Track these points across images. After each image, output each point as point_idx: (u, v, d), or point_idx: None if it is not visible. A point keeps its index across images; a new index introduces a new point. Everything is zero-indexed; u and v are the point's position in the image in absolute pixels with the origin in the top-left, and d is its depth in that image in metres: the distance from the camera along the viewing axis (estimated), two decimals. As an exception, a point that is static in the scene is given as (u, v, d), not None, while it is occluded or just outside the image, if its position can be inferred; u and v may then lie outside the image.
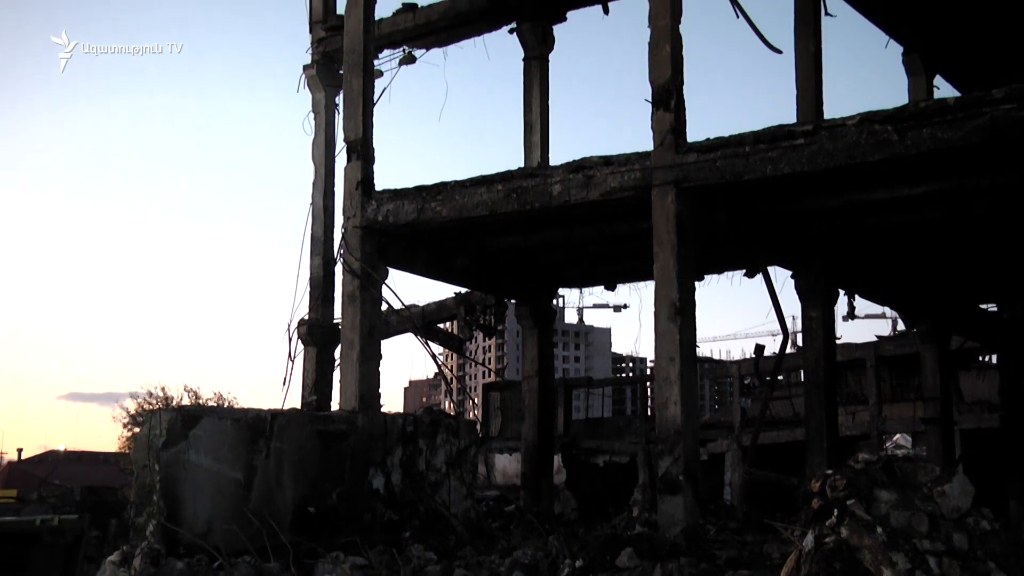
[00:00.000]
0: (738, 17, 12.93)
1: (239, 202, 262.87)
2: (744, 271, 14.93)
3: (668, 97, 11.51)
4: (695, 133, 11.61)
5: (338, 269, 13.99)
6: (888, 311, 41.94)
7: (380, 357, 13.68)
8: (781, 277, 14.15)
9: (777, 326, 13.88)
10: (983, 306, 20.88)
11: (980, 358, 30.31)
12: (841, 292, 15.50)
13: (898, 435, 34.52)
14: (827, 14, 14.33)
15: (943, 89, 18.73)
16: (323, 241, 16.26)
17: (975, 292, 19.41)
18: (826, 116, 13.43)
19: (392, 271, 13.93)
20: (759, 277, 13.98)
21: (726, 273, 15.46)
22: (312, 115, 16.77)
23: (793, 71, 14.07)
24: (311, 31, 16.95)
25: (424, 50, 17.02)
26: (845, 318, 38.68)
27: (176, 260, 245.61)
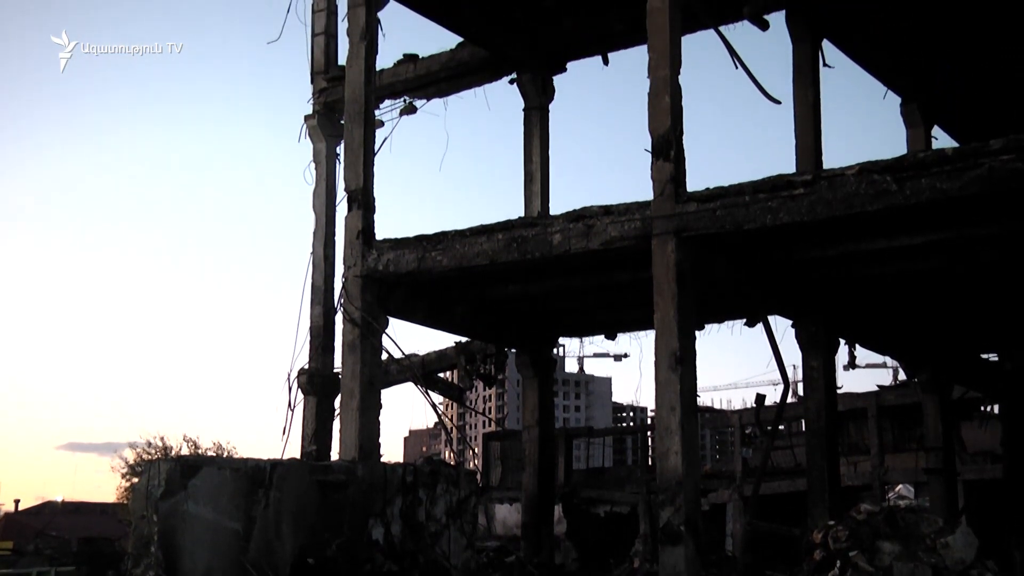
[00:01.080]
0: (737, 68, 13.01)
1: (239, 251, 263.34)
2: (744, 320, 14.92)
3: (668, 147, 11.56)
4: (695, 182, 11.68)
5: (338, 318, 13.98)
6: (889, 360, 41.83)
7: (380, 407, 13.63)
8: (781, 326, 14.14)
9: (778, 375, 13.84)
10: (984, 356, 20.84)
11: (982, 408, 30.19)
12: (841, 341, 15.48)
13: (900, 486, 34.34)
14: (825, 65, 14.45)
15: (941, 139, 18.85)
16: (324, 290, 16.29)
17: (976, 341, 19.38)
18: (825, 166, 13.49)
19: (392, 320, 13.91)
20: (759, 326, 13.97)
21: (726, 322, 15.45)
22: (313, 165, 16.86)
23: (792, 121, 14.15)
24: (312, 82, 17.09)
25: (425, 100, 17.14)
26: (846, 367, 38.53)
27: (176, 309, 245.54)
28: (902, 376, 35.62)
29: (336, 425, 14.23)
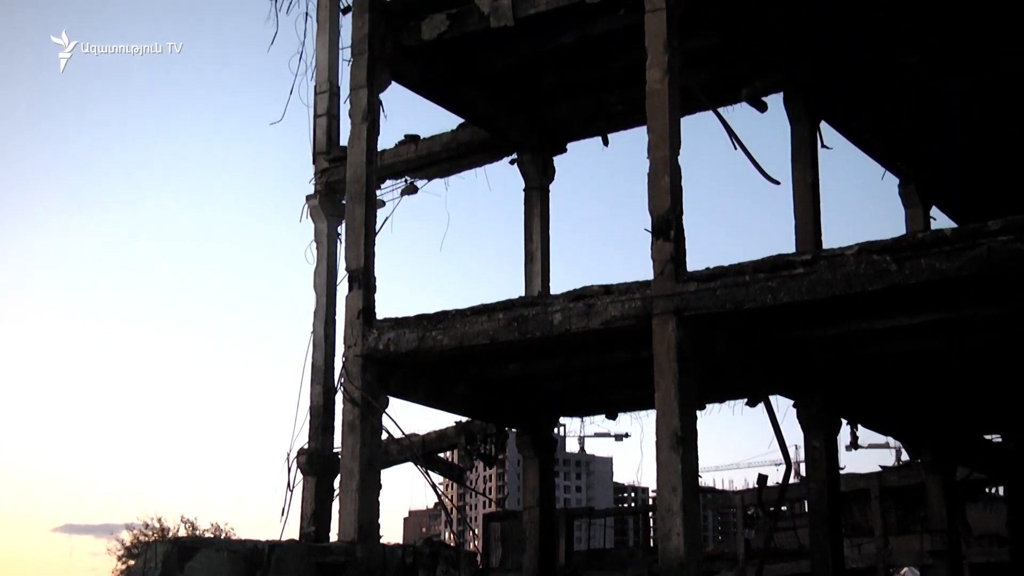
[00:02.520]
0: (736, 148, 13.13)
1: (239, 331, 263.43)
2: (746, 400, 14.87)
3: (668, 227, 11.61)
4: (695, 262, 11.69)
5: (338, 398, 13.92)
6: (891, 441, 41.64)
7: (380, 487, 13.52)
8: (783, 406, 14.09)
9: (780, 455, 13.77)
10: (988, 436, 20.73)
11: (987, 490, 29.99)
12: (843, 421, 15.41)
13: (905, 568, 33.98)
14: (823, 146, 14.57)
15: (940, 220, 18.96)
16: (324, 370, 16.25)
17: (979, 422, 19.30)
18: (825, 245, 13.54)
19: (392, 400, 13.86)
20: (761, 406, 13.91)
21: (728, 402, 15.40)
22: (315, 244, 16.93)
23: (791, 201, 14.23)
24: (314, 162, 17.22)
25: (426, 180, 17.26)
26: (848, 448, 38.19)
27: (174, 389, 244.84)
28: (905, 457, 35.47)
29: (335, 506, 14.11)
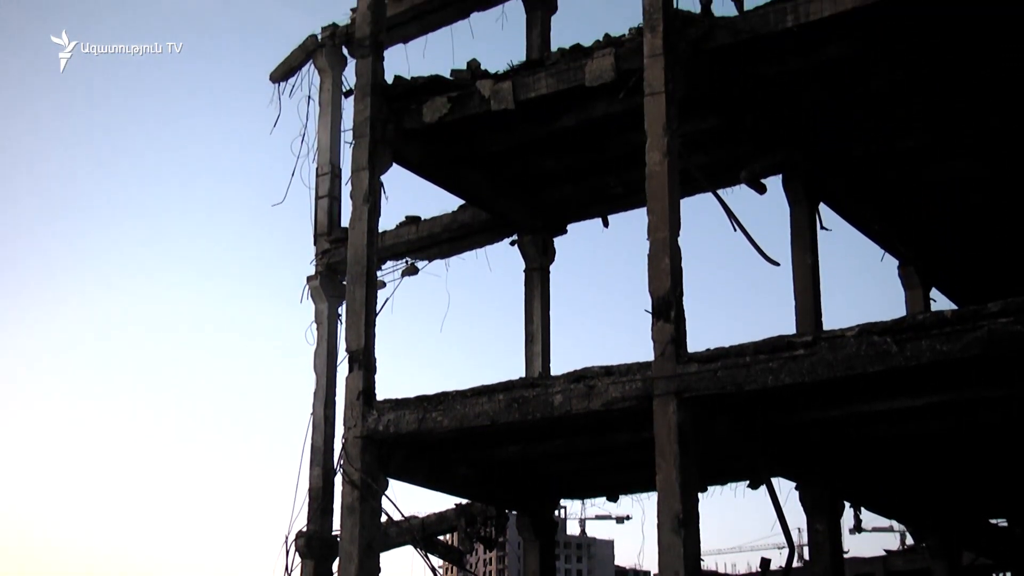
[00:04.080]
0: (736, 230, 13.19)
1: (237, 412, 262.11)
2: (747, 482, 14.75)
3: (668, 308, 11.62)
4: (695, 342, 11.68)
5: (338, 480, 13.82)
6: (896, 524, 41.24)
7: (379, 571, 13.38)
8: (785, 488, 13.96)
9: (783, 539, 13.62)
10: (994, 521, 20.54)
11: (994, 575, 29.63)
12: (847, 504, 15.28)
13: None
14: (823, 228, 14.62)
15: (939, 301, 18.98)
16: (323, 451, 16.17)
17: (985, 506, 19.13)
18: (825, 327, 13.54)
19: (392, 481, 13.77)
20: (763, 488, 13.80)
21: (729, 484, 15.29)
22: (315, 325, 16.95)
23: (791, 282, 14.26)
24: (315, 243, 17.32)
25: (426, 261, 17.33)
26: (852, 531, 37.87)
27: (171, 470, 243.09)
28: (910, 541, 35.05)
29: (333, 590, 13.95)
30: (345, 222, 15.00)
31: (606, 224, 16.92)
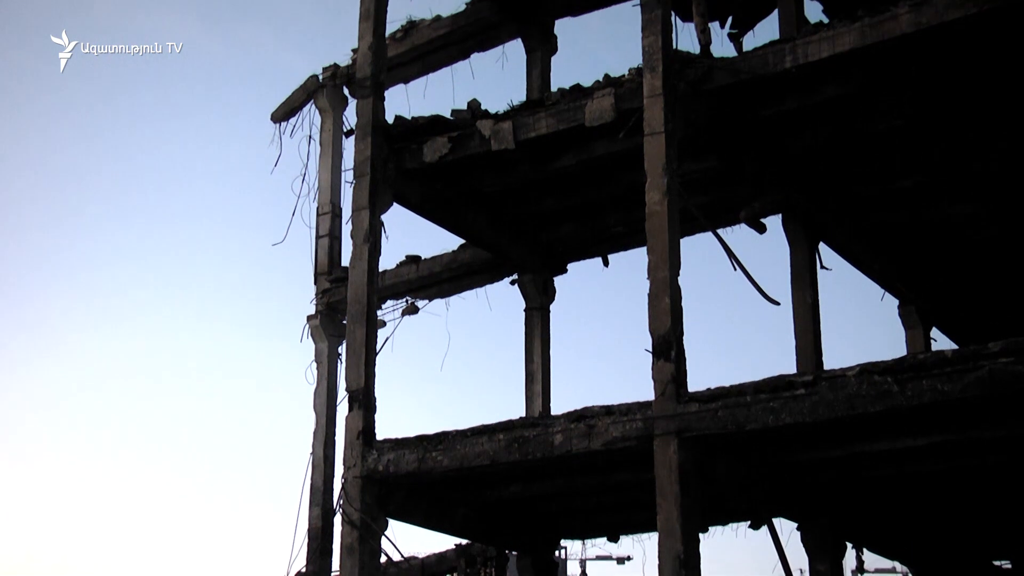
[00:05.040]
0: (736, 269, 13.19)
1: (235, 451, 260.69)
2: (749, 523, 14.67)
3: (668, 348, 11.60)
4: (696, 381, 11.65)
5: (337, 520, 13.75)
6: (898, 566, 40.96)
7: (377, 612, 13.28)
8: (787, 529, 13.89)
9: (785, 580, 13.53)
10: (997, 563, 20.39)
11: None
12: (849, 545, 15.19)
13: None
14: (823, 267, 14.62)
15: (940, 340, 18.95)
16: (323, 491, 16.09)
17: (988, 547, 19.01)
18: (825, 366, 13.51)
19: (392, 522, 13.70)
20: (764, 529, 13.73)
21: (731, 525, 15.20)
22: (315, 364, 16.92)
23: (791, 321, 14.24)
24: (316, 282, 17.32)
25: (427, 300, 17.32)
26: (854, 572, 37.65)
27: (168, 510, 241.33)
28: (912, 581, 34.83)
29: (332, 631, 13.85)
30: (345, 261, 15.01)
31: (606, 263, 16.93)
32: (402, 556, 14.61)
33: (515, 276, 16.77)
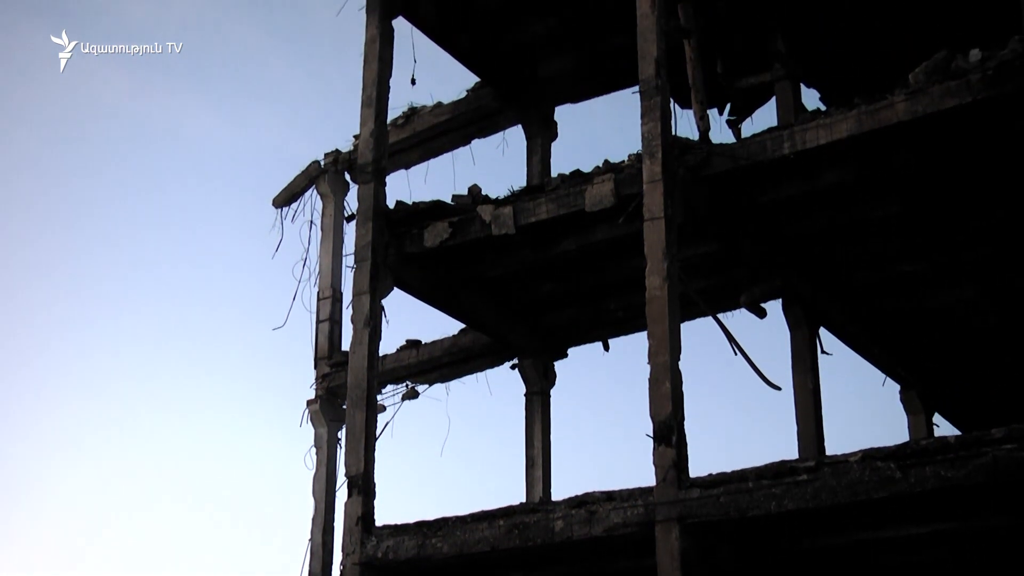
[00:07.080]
0: (736, 354, 13.18)
1: (232, 538, 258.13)
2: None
3: (669, 433, 11.55)
4: (697, 467, 11.58)
5: (335, 608, 13.58)
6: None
7: None
8: (792, 619, 13.69)
9: (789, 671, 13.30)
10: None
11: None
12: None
13: None
14: (823, 352, 14.61)
15: (942, 426, 18.86)
16: (321, 578, 15.90)
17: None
18: (828, 451, 13.42)
19: (390, 610, 13.51)
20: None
21: (734, 613, 14.98)
22: (314, 450, 16.82)
23: (793, 406, 14.19)
24: (315, 367, 17.28)
25: (427, 385, 17.26)
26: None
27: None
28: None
29: None
30: (346, 346, 15.00)
31: (607, 348, 16.92)
32: (400, 645, 14.40)
33: (515, 361, 16.75)
